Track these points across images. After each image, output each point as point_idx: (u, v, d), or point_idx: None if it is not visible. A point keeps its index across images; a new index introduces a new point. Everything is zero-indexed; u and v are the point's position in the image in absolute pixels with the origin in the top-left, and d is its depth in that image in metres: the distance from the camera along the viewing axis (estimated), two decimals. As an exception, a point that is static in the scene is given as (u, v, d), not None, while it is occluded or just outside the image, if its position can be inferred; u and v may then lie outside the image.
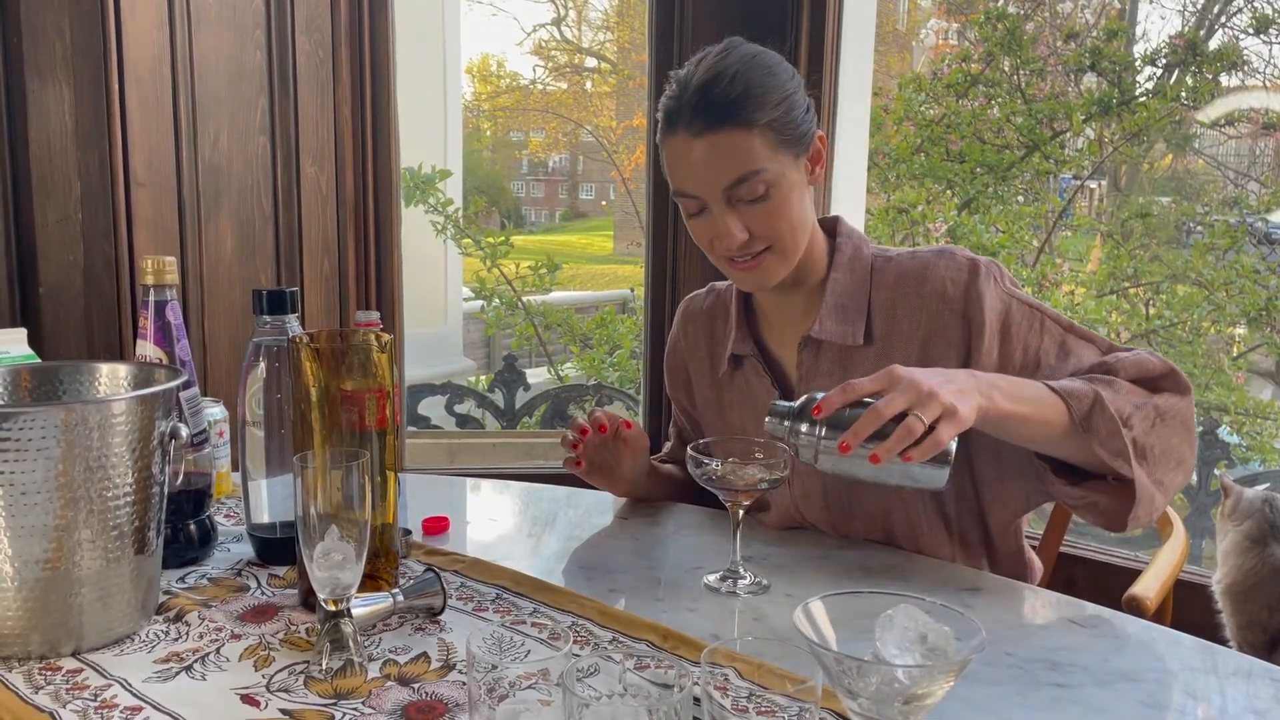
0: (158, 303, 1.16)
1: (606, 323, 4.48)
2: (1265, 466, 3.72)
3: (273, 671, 0.93)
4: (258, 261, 2.16)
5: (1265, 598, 1.85)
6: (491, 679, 0.76)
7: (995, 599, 1.13)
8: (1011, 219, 4.06)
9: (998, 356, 1.20)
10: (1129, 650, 1.02)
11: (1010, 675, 0.94)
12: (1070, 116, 3.96)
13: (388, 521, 1.06)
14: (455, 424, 3.38)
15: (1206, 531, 2.97)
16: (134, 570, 0.98)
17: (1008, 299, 1.21)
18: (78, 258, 1.97)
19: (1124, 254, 4.15)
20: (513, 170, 12.28)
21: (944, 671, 0.65)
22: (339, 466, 0.91)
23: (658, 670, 0.86)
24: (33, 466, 0.90)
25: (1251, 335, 3.97)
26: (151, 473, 0.98)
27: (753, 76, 1.17)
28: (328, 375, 1.00)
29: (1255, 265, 3.80)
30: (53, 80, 1.92)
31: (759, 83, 1.17)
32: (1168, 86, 4.02)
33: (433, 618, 1.03)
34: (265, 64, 2.12)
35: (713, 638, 1.00)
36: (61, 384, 1.09)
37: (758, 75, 1.18)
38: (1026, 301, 1.23)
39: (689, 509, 1.42)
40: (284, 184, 2.17)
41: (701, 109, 1.17)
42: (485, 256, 4.44)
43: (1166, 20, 6.95)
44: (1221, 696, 0.94)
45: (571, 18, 9.38)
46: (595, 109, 10.40)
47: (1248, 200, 4.30)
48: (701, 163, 1.18)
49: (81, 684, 0.90)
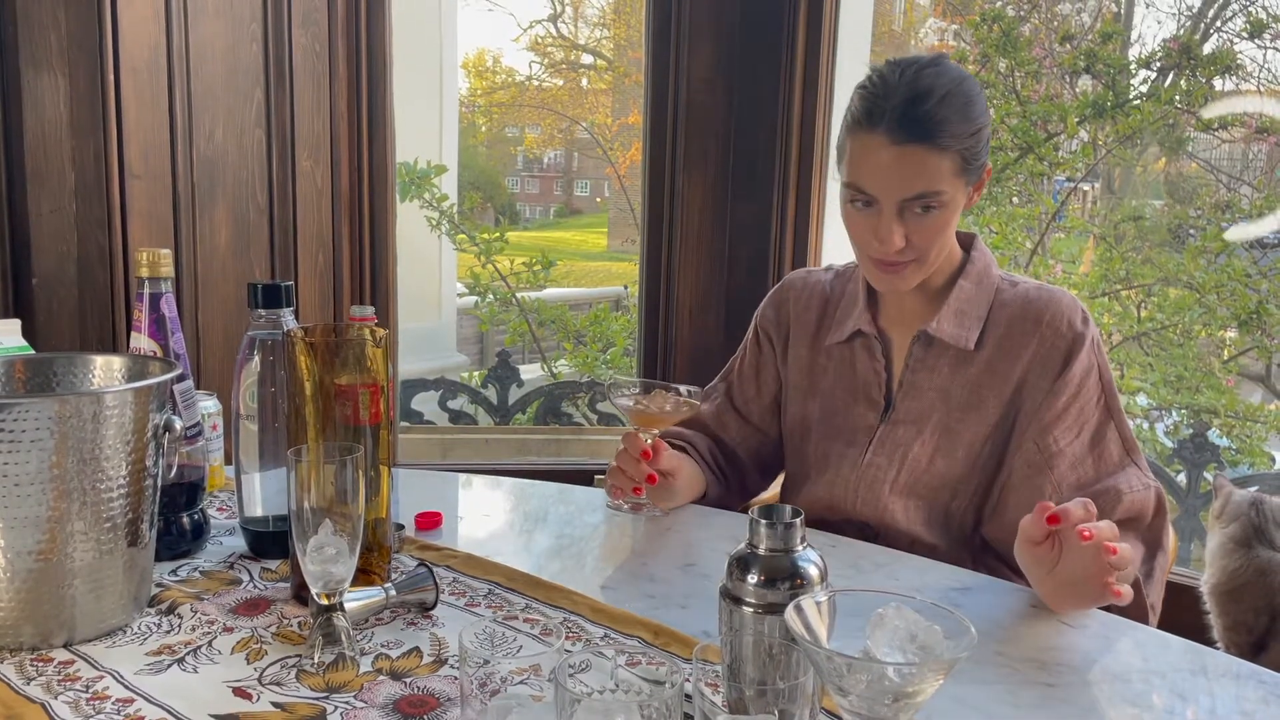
0: (152, 295, 1.16)
1: (600, 320, 4.47)
2: (1255, 469, 3.73)
3: (265, 665, 0.93)
4: (252, 255, 2.16)
5: (1251, 599, 1.86)
6: (483, 674, 0.76)
7: (985, 598, 1.14)
8: (1005, 220, 4.06)
9: (1060, 408, 1.27)
10: (1117, 650, 1.02)
11: (1000, 674, 0.95)
12: (1065, 119, 3.97)
13: (381, 516, 1.06)
14: (448, 419, 3.37)
15: (1195, 534, 2.98)
16: (127, 562, 0.98)
17: (1094, 364, 1.29)
18: (72, 249, 1.97)
19: (1116, 256, 4.16)
20: (508, 165, 12.26)
21: (933, 670, 0.65)
22: (333, 461, 0.91)
23: (649, 666, 0.86)
24: (26, 458, 0.90)
25: (1242, 339, 3.98)
26: (145, 465, 0.98)
27: (959, 103, 1.23)
28: (322, 369, 1.00)
29: (1246, 269, 3.81)
30: (48, 70, 1.92)
31: (962, 110, 1.23)
32: (1162, 90, 4.03)
33: (425, 612, 1.04)
34: (262, 57, 2.12)
35: (704, 634, 1.00)
36: (55, 376, 1.09)
37: (963, 102, 1.23)
38: (1103, 375, 1.30)
39: (683, 507, 1.42)
40: (279, 177, 2.17)
41: (907, 121, 1.21)
42: (480, 252, 4.44)
43: (1162, 24, 6.98)
44: (1209, 698, 0.95)
45: (568, 14, 9.36)
46: (591, 105, 10.38)
47: (1240, 204, 4.31)
48: (890, 169, 1.23)
49: (73, 675, 0.90)
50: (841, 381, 1.42)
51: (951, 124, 1.22)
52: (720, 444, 1.52)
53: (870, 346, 1.40)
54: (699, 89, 2.32)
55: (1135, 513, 1.24)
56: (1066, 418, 1.27)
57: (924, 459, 1.33)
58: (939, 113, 1.21)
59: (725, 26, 2.30)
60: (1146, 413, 3.85)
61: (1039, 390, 1.29)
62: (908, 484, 1.33)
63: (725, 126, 2.34)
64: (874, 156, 1.24)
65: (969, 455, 1.31)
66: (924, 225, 1.26)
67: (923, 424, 1.34)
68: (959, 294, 1.35)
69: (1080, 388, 1.28)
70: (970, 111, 1.24)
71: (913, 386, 1.36)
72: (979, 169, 1.29)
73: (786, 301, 1.51)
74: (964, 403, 1.32)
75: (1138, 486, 1.24)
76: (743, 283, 2.35)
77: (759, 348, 1.53)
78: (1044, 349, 1.30)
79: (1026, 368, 1.30)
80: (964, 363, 1.33)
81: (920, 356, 1.36)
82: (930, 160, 1.22)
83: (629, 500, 1.36)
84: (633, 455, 1.31)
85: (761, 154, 2.32)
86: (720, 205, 2.37)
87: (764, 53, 2.28)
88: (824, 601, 0.74)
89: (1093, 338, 1.30)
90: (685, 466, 1.41)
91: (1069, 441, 1.27)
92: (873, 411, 1.38)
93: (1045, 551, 1.04)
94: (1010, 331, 1.32)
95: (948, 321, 1.34)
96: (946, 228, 1.28)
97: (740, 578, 0.81)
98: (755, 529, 0.82)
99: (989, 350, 1.32)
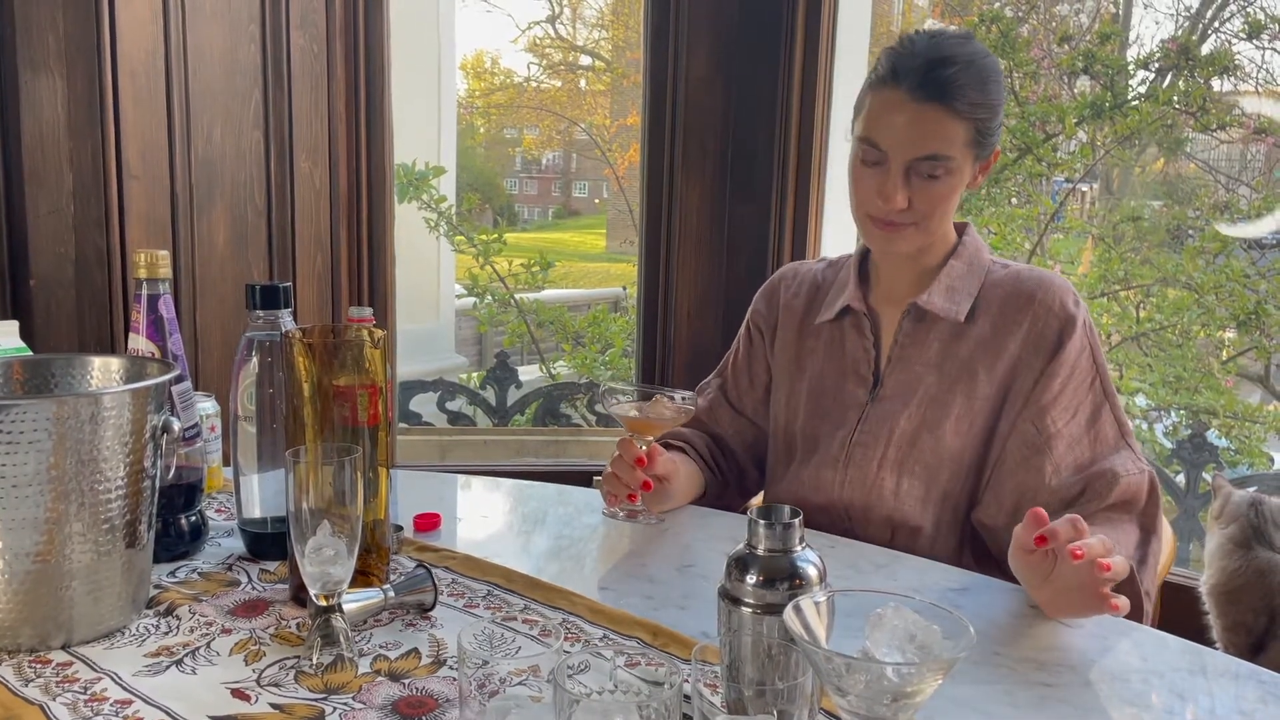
0: (150, 296, 1.16)
1: (599, 321, 4.47)
2: (1254, 470, 3.73)
3: (263, 666, 0.93)
4: (251, 256, 2.16)
5: (1250, 600, 1.86)
6: (482, 675, 0.76)
7: (984, 598, 1.14)
8: (1004, 221, 4.06)
9: (1056, 389, 1.28)
10: (1116, 651, 1.02)
11: (998, 674, 0.95)
12: (1063, 119, 3.97)
13: (379, 517, 1.06)
14: (447, 421, 3.37)
15: (1194, 534, 2.98)
16: (125, 564, 0.98)
17: (1086, 345, 1.30)
18: (69, 250, 1.97)
19: (1115, 257, 4.16)
20: (507, 167, 12.26)
21: (932, 670, 0.65)
22: (331, 462, 0.91)
23: (648, 667, 0.86)
24: (24, 459, 0.89)
25: (1241, 339, 3.99)
26: (143, 466, 0.98)
27: (982, 73, 1.26)
28: (320, 370, 1.00)
29: (1245, 269, 3.81)
30: (45, 72, 1.92)
31: (981, 82, 1.26)
32: (1160, 91, 4.03)
33: (424, 614, 1.03)
34: (260, 58, 2.12)
35: (703, 635, 1.00)
36: (53, 377, 1.09)
37: (985, 73, 1.27)
38: (1096, 357, 1.31)
39: (681, 507, 1.42)
40: (277, 179, 2.17)
41: (930, 80, 1.24)
42: (478, 253, 4.44)
43: (1160, 25, 6.99)
44: (1208, 698, 0.95)
45: (566, 15, 9.36)
46: (590, 106, 10.39)
47: (1239, 205, 4.32)
48: (906, 126, 1.26)
49: (71, 677, 0.90)
50: (831, 360, 1.43)
51: (970, 92, 1.24)
52: (717, 440, 1.52)
53: (859, 324, 1.40)
54: (697, 89, 2.32)
55: (1130, 496, 1.24)
56: (1062, 399, 1.28)
57: (910, 432, 1.33)
58: (960, 78, 1.24)
59: (723, 26, 2.30)
60: (1145, 413, 3.86)
61: (1031, 369, 1.29)
62: (897, 459, 1.33)
63: (724, 127, 2.34)
64: (892, 112, 1.26)
65: (957, 429, 1.31)
66: (928, 190, 1.27)
67: (909, 397, 1.34)
68: (950, 271, 1.36)
69: (1074, 369, 1.29)
70: (989, 86, 1.27)
71: (901, 361, 1.36)
72: (989, 147, 1.30)
73: (777, 293, 1.53)
74: (954, 376, 1.32)
75: (1133, 470, 1.25)
76: (741, 283, 2.35)
77: (750, 340, 1.54)
78: (1037, 327, 1.30)
79: (1020, 345, 1.31)
80: (956, 337, 1.34)
81: (910, 330, 1.36)
82: (945, 123, 1.25)
83: (624, 507, 1.36)
84: (627, 462, 1.30)
85: (760, 154, 2.32)
86: (719, 206, 2.37)
87: (762, 53, 2.28)
88: (823, 602, 0.74)
89: (1084, 319, 1.31)
90: (682, 468, 1.41)
91: (1065, 422, 1.27)
92: (861, 388, 1.38)
93: (1039, 560, 1.04)
94: (1004, 309, 1.33)
95: (938, 295, 1.34)
96: (949, 196, 1.29)
97: (739, 578, 0.81)
98: (754, 529, 0.82)
99: (981, 325, 1.33)
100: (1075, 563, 1.00)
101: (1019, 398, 1.29)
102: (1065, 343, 1.29)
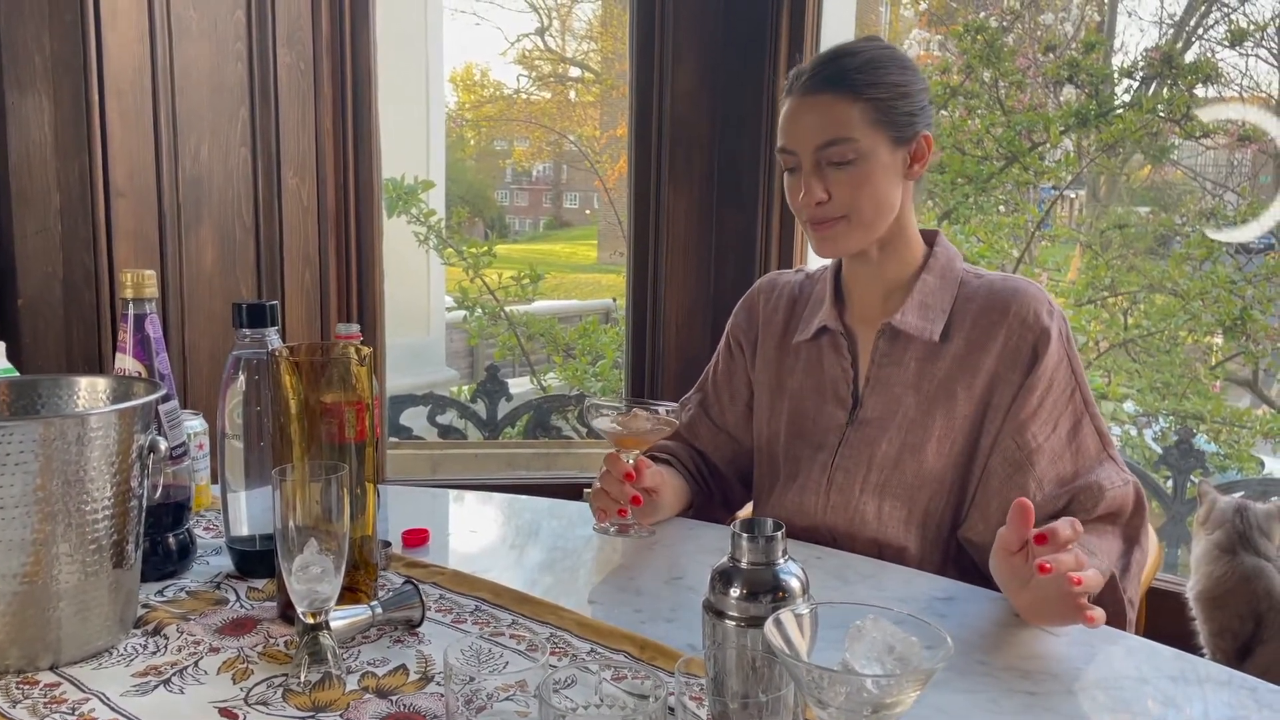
0: (137, 316, 1.16)
1: (589, 332, 4.48)
2: (1242, 475, 3.75)
3: (251, 684, 0.93)
4: (238, 273, 2.16)
5: (1236, 605, 1.88)
6: (469, 690, 0.76)
7: (969, 607, 1.14)
8: (991, 229, 4.09)
9: (1035, 403, 1.28)
10: (1101, 658, 1.03)
11: (983, 683, 0.95)
12: (1049, 128, 4.00)
13: (367, 534, 1.06)
14: (437, 435, 3.37)
15: (1181, 540, 2.99)
16: (112, 584, 0.98)
17: (1063, 356, 1.30)
18: (57, 269, 1.97)
19: (1102, 264, 4.19)
20: (497, 179, 12.28)
21: (911, 681, 0.66)
22: (318, 479, 0.92)
23: (634, 681, 0.87)
24: (11, 480, 0.90)
25: (1228, 344, 4.01)
26: (130, 486, 0.99)
27: (874, 60, 1.28)
28: (307, 388, 1.00)
29: (1231, 275, 3.84)
30: (32, 92, 1.92)
31: (876, 65, 1.28)
32: (1145, 98, 4.06)
33: (411, 630, 1.04)
34: (246, 76, 2.12)
35: (689, 647, 1.00)
36: (40, 397, 1.10)
37: (879, 60, 1.29)
38: (1074, 367, 1.31)
39: (669, 520, 1.43)
40: (265, 196, 2.18)
41: (817, 74, 1.28)
42: (468, 266, 4.45)
43: (1144, 33, 7.03)
44: (1194, 704, 0.95)
45: (555, 27, 9.39)
46: (579, 118, 10.41)
47: (1225, 210, 4.35)
48: (802, 121, 1.29)
49: (59, 698, 0.90)
50: (810, 381, 1.42)
51: (860, 75, 1.27)
52: (700, 454, 1.53)
53: (837, 344, 1.40)
54: (683, 102, 2.33)
55: (1116, 508, 1.25)
56: (1042, 413, 1.28)
57: (892, 455, 1.33)
58: (848, 64, 1.28)
59: (709, 39, 2.32)
60: (1134, 419, 3.87)
61: (1009, 384, 1.29)
62: (879, 484, 1.33)
63: (710, 138, 2.35)
64: (791, 115, 1.31)
65: (939, 450, 1.31)
66: (842, 178, 1.28)
67: (888, 421, 1.34)
68: (922, 287, 1.35)
69: (1052, 381, 1.28)
70: (883, 69, 1.28)
71: (879, 382, 1.36)
72: (905, 128, 1.29)
73: (756, 305, 1.53)
74: (933, 396, 1.32)
75: (1118, 482, 1.26)
76: (729, 293, 2.35)
77: (730, 354, 1.54)
78: (1012, 341, 1.30)
79: (996, 360, 1.30)
80: (932, 356, 1.33)
81: (886, 351, 1.36)
82: (837, 106, 1.27)
83: (615, 522, 1.37)
84: (616, 477, 1.31)
85: (746, 165, 2.34)
86: (706, 217, 2.38)
87: (747, 65, 2.30)
88: (805, 614, 0.74)
89: (1060, 329, 1.30)
90: (669, 480, 1.41)
91: (1046, 436, 1.27)
92: (841, 410, 1.38)
93: (1021, 562, 1.05)
94: (977, 323, 1.32)
95: (912, 313, 1.34)
96: (867, 182, 1.28)
97: (723, 591, 0.81)
98: (737, 543, 0.82)
99: (956, 343, 1.32)
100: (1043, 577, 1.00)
101: (998, 413, 1.29)
102: (1041, 356, 1.28)
